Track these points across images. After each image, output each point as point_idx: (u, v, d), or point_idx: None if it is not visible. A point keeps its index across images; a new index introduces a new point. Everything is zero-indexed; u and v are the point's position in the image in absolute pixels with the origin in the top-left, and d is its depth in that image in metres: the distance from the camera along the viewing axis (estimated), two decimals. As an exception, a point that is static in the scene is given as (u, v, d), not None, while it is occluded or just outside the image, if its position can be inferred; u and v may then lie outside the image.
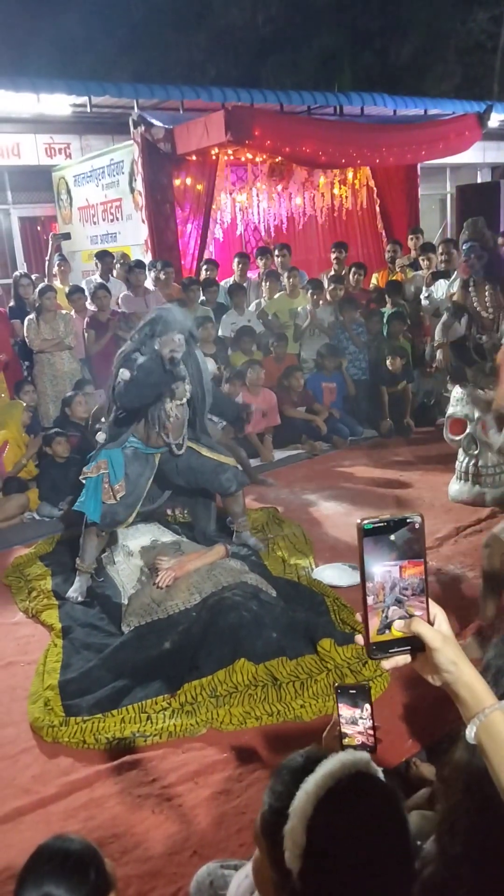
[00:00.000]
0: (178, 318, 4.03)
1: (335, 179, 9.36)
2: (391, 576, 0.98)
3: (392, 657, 1.01)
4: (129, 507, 4.14)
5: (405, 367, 7.21)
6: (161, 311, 4.09)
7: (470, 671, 1.00)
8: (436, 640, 0.99)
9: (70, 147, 10.00)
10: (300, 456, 6.72)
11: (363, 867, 1.04)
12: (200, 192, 8.19)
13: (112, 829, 2.46)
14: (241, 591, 3.56)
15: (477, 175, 14.27)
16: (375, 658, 1.01)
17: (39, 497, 5.56)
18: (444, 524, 4.80)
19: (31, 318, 6.59)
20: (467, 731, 0.99)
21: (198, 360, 4.16)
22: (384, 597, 0.98)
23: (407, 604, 0.99)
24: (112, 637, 3.64)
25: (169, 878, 2.24)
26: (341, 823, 1.07)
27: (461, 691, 1.00)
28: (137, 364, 3.90)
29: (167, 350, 3.88)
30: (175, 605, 3.58)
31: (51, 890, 1.25)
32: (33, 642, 3.79)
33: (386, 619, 0.99)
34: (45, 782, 2.73)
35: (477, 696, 0.99)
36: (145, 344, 3.97)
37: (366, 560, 0.97)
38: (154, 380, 3.91)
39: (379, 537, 0.97)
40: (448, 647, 1.00)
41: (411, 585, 0.99)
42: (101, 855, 1.37)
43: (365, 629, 1.00)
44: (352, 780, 1.12)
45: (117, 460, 4.11)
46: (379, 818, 1.09)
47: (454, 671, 0.99)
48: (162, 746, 2.87)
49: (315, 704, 3.00)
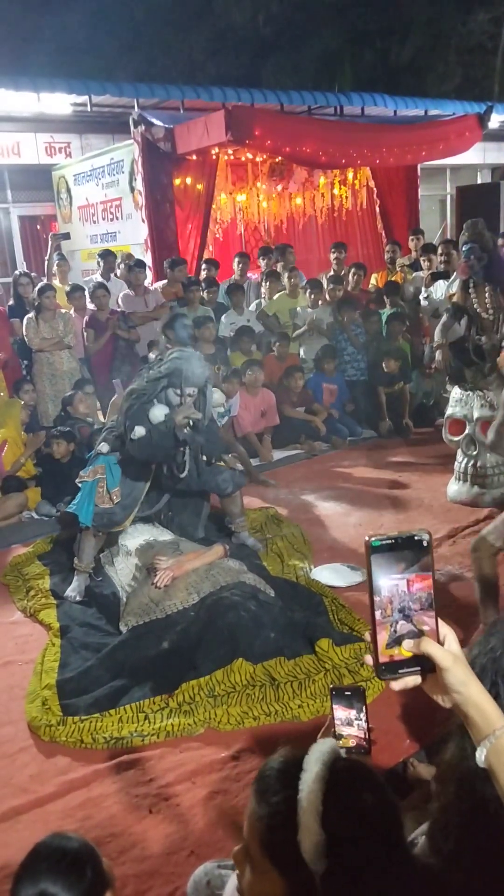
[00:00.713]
0: (196, 371, 4.01)
1: (335, 180, 9.37)
2: (399, 591, 0.98)
3: (402, 678, 1.00)
4: (127, 510, 4.16)
5: (402, 368, 7.22)
6: (180, 364, 4.01)
7: (480, 692, 0.99)
8: (446, 659, 0.98)
9: (70, 146, 10.01)
10: (299, 456, 6.72)
11: (381, 841, 1.08)
12: (200, 191, 8.19)
13: (109, 829, 2.46)
14: (240, 590, 3.56)
15: (477, 176, 14.29)
16: (385, 678, 1.00)
17: (42, 496, 5.56)
18: (442, 525, 4.80)
19: (30, 317, 6.60)
20: (477, 754, 0.97)
21: (206, 397, 4.18)
22: (392, 611, 0.98)
23: (415, 618, 0.98)
24: (110, 636, 3.64)
25: (166, 878, 2.24)
26: (352, 807, 1.10)
27: (471, 712, 0.98)
28: (153, 423, 3.91)
29: (181, 417, 3.93)
30: (173, 604, 3.58)
31: (47, 887, 1.25)
32: (31, 641, 3.79)
33: (395, 634, 0.98)
34: (42, 781, 2.73)
35: (487, 717, 0.97)
36: (161, 392, 4.00)
37: (374, 577, 0.97)
38: (168, 443, 3.98)
39: (387, 554, 0.97)
40: (458, 667, 0.99)
41: (420, 601, 0.99)
42: (98, 853, 1.37)
43: (374, 649, 0.99)
44: (340, 766, 1.15)
45: (115, 466, 4.14)
46: (374, 790, 1.13)
47: (464, 692, 0.98)
48: (160, 746, 2.87)
49: (313, 704, 3.00)
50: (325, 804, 1.10)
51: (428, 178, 11.96)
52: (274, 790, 1.20)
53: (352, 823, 1.09)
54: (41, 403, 6.64)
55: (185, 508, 4.61)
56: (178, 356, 4.07)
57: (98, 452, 4.22)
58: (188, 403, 3.99)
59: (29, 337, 6.57)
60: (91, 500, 4.09)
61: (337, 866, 1.08)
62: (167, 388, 4.00)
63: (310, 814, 1.10)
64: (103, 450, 4.19)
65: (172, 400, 3.98)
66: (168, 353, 4.23)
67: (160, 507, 4.55)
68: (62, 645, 3.62)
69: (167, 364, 4.06)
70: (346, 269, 8.08)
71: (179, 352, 4.16)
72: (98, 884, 1.32)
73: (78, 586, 4.15)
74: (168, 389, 3.99)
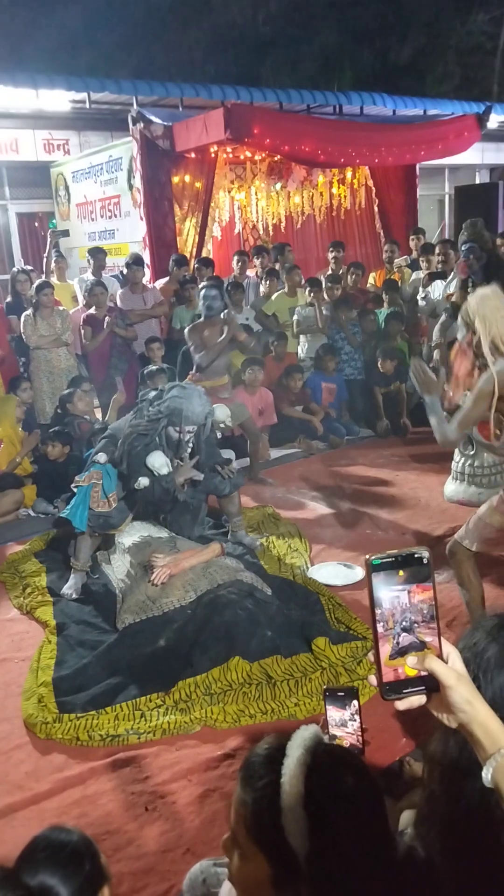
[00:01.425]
0: (196, 409, 4.06)
1: (334, 179, 9.36)
2: (400, 606, 0.98)
3: (406, 698, 1.00)
4: (123, 513, 4.19)
5: (400, 368, 7.22)
6: (179, 403, 4.05)
7: (485, 710, 0.98)
8: (450, 677, 0.98)
9: (69, 143, 9.99)
10: (296, 455, 6.72)
11: (363, 822, 1.09)
12: (199, 189, 8.18)
13: (105, 826, 2.46)
14: (237, 589, 3.56)
15: (475, 176, 14.30)
16: (389, 699, 1.00)
17: (38, 494, 5.55)
18: (439, 524, 4.81)
19: (28, 315, 6.58)
20: (483, 774, 0.96)
21: (206, 427, 4.25)
22: (394, 624, 0.98)
23: (417, 631, 0.98)
24: (107, 634, 3.63)
25: (162, 876, 2.24)
26: (333, 789, 1.11)
27: (476, 731, 0.97)
28: (153, 475, 4.01)
29: (181, 479, 4.08)
30: (170, 602, 3.58)
31: (45, 879, 1.25)
32: (27, 639, 3.79)
33: (398, 646, 0.98)
34: (38, 779, 2.73)
35: (492, 736, 0.97)
36: (161, 431, 4.07)
37: (374, 594, 0.97)
38: (167, 498, 4.15)
39: (387, 572, 0.98)
40: (462, 685, 0.98)
41: (422, 616, 0.99)
42: (96, 847, 1.38)
43: (378, 668, 0.99)
44: (322, 750, 1.17)
45: (113, 471, 4.17)
46: (355, 773, 1.15)
47: (469, 710, 0.98)
48: (156, 744, 2.86)
49: (309, 703, 3.00)
50: (307, 787, 1.12)
51: (426, 178, 11.96)
52: (259, 775, 1.21)
53: (333, 805, 1.11)
54: (38, 401, 6.62)
55: (183, 508, 4.62)
56: (177, 394, 4.09)
57: (95, 461, 4.23)
58: (188, 463, 4.13)
59: (27, 334, 6.56)
60: (86, 506, 4.10)
61: (320, 848, 1.09)
62: (167, 426, 4.06)
63: (292, 797, 1.12)
64: (101, 460, 4.20)
65: (172, 437, 4.07)
66: (168, 389, 4.22)
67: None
68: (58, 642, 3.61)
69: (167, 402, 4.07)
70: (345, 269, 8.08)
71: (179, 389, 4.18)
72: (96, 877, 1.32)
73: (75, 584, 4.15)
74: (168, 428, 4.07)
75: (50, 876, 1.24)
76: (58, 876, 1.25)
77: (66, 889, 1.23)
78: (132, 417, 4.26)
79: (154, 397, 4.26)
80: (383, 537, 4.75)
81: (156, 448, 4.05)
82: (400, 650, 0.98)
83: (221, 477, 4.43)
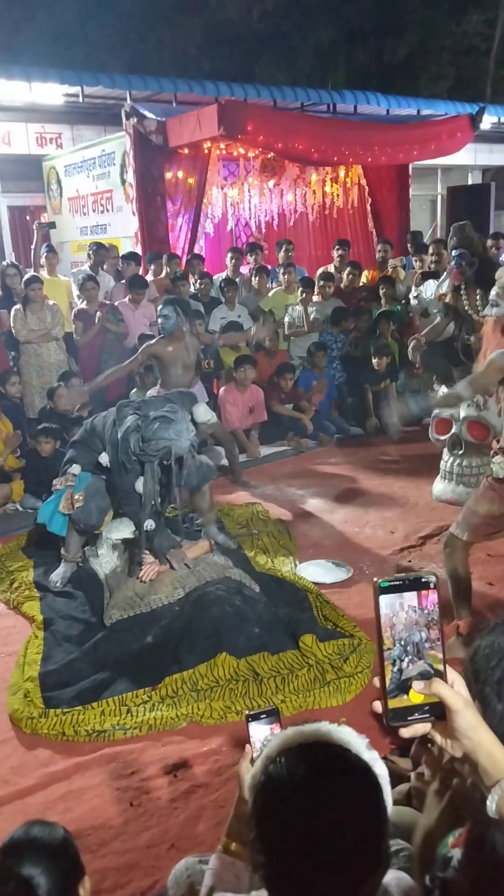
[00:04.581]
0: (184, 445, 3.70)
1: (327, 177, 9.35)
2: (407, 631, 0.98)
3: (412, 724, 0.99)
4: (102, 513, 4.12)
5: (389, 366, 7.24)
6: (169, 445, 3.69)
7: (489, 738, 0.97)
8: (457, 702, 0.97)
9: (61, 137, 9.94)
10: (286, 452, 6.73)
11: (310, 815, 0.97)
12: (192, 185, 8.16)
13: (90, 822, 2.46)
14: (225, 585, 3.57)
15: (468, 177, 14.34)
16: (395, 725, 0.99)
17: (25, 489, 5.53)
18: (427, 523, 4.83)
19: (17, 309, 6.54)
20: (488, 803, 0.94)
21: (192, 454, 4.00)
22: (398, 647, 0.98)
23: (428, 653, 0.98)
24: (94, 630, 3.63)
25: (146, 871, 2.24)
26: (296, 767, 1.01)
27: (481, 759, 0.96)
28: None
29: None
30: (158, 599, 3.57)
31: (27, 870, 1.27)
32: (14, 633, 3.78)
33: (400, 676, 0.98)
34: (23, 773, 2.72)
35: (497, 763, 0.95)
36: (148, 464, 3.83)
37: (381, 617, 0.97)
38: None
39: (394, 595, 0.98)
40: (469, 711, 0.97)
41: (427, 641, 0.99)
42: (74, 841, 1.40)
43: (383, 696, 0.98)
44: (319, 739, 1.07)
45: (84, 474, 4.07)
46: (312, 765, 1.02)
47: (474, 737, 0.97)
48: (142, 739, 2.87)
49: (296, 700, 3.01)
50: (278, 752, 1.04)
51: (419, 178, 11.97)
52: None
53: (287, 777, 1.01)
54: (27, 395, 6.59)
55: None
56: (167, 437, 3.63)
57: (70, 473, 4.12)
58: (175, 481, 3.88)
59: (16, 329, 6.52)
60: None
61: (260, 809, 1.02)
62: (153, 461, 3.79)
63: (265, 754, 1.06)
64: (74, 471, 4.10)
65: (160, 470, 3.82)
66: (151, 420, 3.69)
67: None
68: (45, 637, 3.61)
69: (156, 442, 3.65)
70: (343, 268, 8.12)
71: (164, 423, 3.67)
72: (75, 870, 1.34)
73: (63, 573, 4.17)
74: (154, 462, 3.77)
75: (31, 867, 1.26)
76: (39, 868, 1.27)
77: (46, 880, 1.25)
78: (112, 424, 3.92)
79: (137, 406, 3.90)
80: (371, 535, 4.76)
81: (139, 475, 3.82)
82: (404, 682, 0.98)
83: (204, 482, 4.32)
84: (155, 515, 3.84)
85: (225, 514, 5.10)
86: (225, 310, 7.25)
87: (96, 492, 4.05)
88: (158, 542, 3.81)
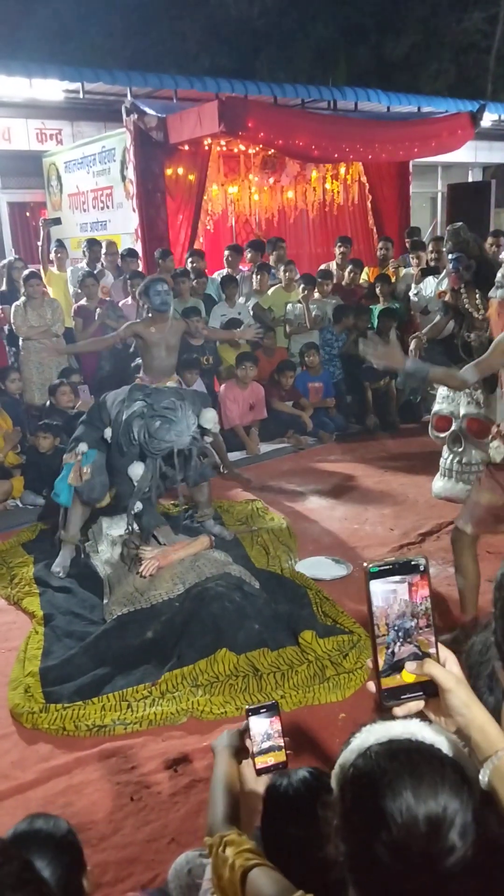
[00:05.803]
0: (185, 440, 4.02)
1: (327, 174, 9.34)
2: (398, 614, 0.99)
3: (405, 703, 1.00)
4: (104, 487, 4.32)
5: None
6: (172, 447, 4.01)
7: (482, 714, 0.99)
8: (449, 680, 0.98)
9: (61, 133, 9.92)
10: (286, 449, 6.73)
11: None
12: (192, 182, 8.14)
13: (90, 816, 2.47)
14: (225, 581, 3.57)
15: (468, 174, 14.33)
16: (389, 704, 1.00)
17: (26, 485, 5.53)
18: (426, 520, 4.84)
19: (17, 305, 6.54)
20: (480, 776, 0.97)
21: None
22: (391, 631, 0.99)
23: (416, 639, 1.00)
24: (94, 625, 3.64)
25: (146, 865, 2.25)
26: (387, 762, 0.98)
27: (474, 734, 0.98)
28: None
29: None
30: (158, 594, 3.58)
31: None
32: (14, 629, 3.78)
33: (393, 657, 0.99)
34: (23, 768, 2.73)
35: (490, 739, 0.97)
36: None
37: (372, 602, 0.99)
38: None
39: (385, 580, 0.99)
40: (461, 688, 0.99)
41: (419, 623, 1.00)
42: (76, 836, 1.40)
43: (376, 675, 0.99)
44: (410, 736, 1.03)
45: (91, 451, 4.26)
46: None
47: (467, 714, 0.98)
48: (142, 734, 2.88)
49: (295, 695, 3.02)
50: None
51: (420, 175, 11.96)
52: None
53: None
54: (28, 391, 6.59)
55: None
56: (169, 439, 3.94)
57: (77, 452, 4.28)
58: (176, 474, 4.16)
59: (17, 324, 6.52)
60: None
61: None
62: (156, 458, 4.09)
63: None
64: (82, 449, 4.26)
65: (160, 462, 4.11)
66: (157, 424, 3.97)
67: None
68: (46, 633, 3.62)
69: (159, 442, 3.97)
70: (346, 265, 8.12)
71: (166, 423, 3.96)
72: (77, 864, 1.35)
73: (63, 560, 4.22)
74: (157, 458, 4.09)
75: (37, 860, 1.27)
76: (45, 860, 1.27)
77: (52, 873, 1.26)
78: (121, 402, 4.19)
79: (147, 393, 4.15)
80: (371, 532, 4.77)
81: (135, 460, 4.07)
82: (397, 664, 0.99)
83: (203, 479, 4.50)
84: (145, 501, 3.94)
85: (225, 511, 5.12)
86: (225, 307, 7.25)
87: (101, 467, 4.26)
88: (147, 520, 3.99)
